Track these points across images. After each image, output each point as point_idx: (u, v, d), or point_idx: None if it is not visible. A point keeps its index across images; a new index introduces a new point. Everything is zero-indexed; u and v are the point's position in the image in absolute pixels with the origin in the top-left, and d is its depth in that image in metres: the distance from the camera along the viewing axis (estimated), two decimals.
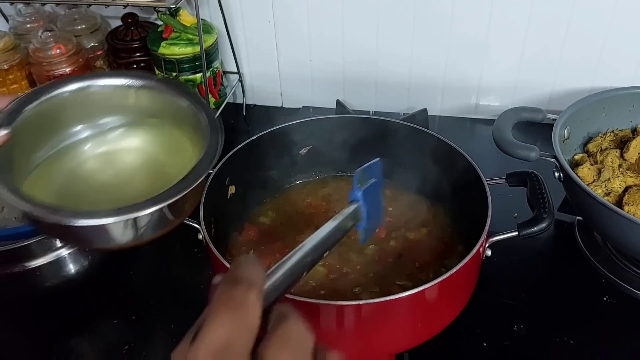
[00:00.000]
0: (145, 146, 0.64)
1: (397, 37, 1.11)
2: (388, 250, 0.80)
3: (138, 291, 0.85)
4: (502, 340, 0.75)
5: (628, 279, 0.82)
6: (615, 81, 1.04)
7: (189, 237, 0.73)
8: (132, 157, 0.63)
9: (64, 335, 0.78)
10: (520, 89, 1.14)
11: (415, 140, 0.86)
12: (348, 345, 0.65)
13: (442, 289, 0.63)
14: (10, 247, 0.74)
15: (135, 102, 0.63)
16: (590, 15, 1.01)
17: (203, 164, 0.55)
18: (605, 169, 0.85)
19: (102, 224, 0.50)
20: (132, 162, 0.63)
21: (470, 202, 0.77)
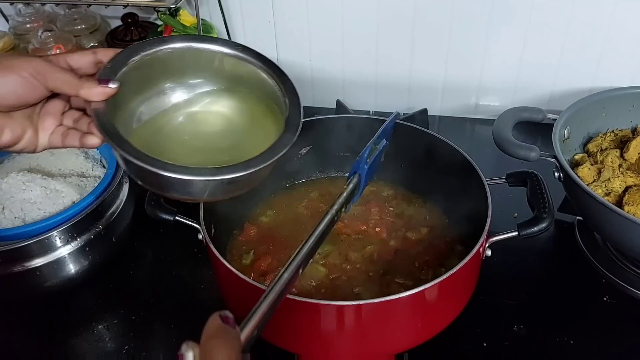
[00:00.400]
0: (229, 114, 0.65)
1: (397, 37, 1.11)
2: (388, 250, 0.80)
3: (138, 291, 0.85)
4: (502, 340, 0.75)
5: (628, 279, 0.82)
6: (615, 81, 1.04)
7: (189, 237, 0.73)
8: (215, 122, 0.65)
9: (64, 335, 0.78)
10: (520, 89, 1.14)
11: (415, 140, 0.86)
12: (348, 345, 0.65)
13: (442, 289, 0.63)
14: (10, 247, 0.74)
15: (227, 69, 0.64)
16: (591, 16, 1.01)
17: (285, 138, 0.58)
18: (605, 169, 0.85)
19: (197, 180, 0.53)
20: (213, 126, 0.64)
21: (470, 202, 0.77)
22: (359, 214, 0.86)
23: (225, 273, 0.65)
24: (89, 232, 0.80)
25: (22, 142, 0.55)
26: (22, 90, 0.52)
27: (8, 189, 0.82)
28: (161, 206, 0.73)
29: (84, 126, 0.57)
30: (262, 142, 0.59)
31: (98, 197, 0.81)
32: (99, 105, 0.54)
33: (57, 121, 0.57)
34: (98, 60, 0.57)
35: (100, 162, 0.92)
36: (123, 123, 0.58)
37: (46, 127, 0.56)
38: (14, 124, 0.53)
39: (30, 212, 0.79)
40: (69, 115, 0.58)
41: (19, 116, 0.54)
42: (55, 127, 0.57)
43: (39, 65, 0.52)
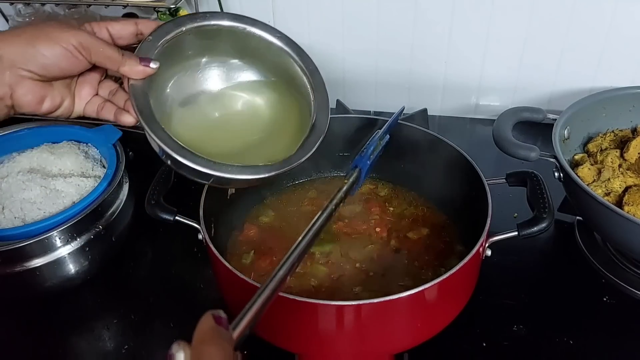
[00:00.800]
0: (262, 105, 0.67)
1: (397, 37, 1.11)
2: (388, 250, 0.80)
3: (138, 291, 0.85)
4: (502, 340, 0.75)
5: (628, 279, 0.82)
6: (616, 81, 1.04)
7: (189, 237, 0.73)
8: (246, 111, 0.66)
9: (64, 335, 0.78)
10: (520, 88, 1.14)
11: (415, 140, 0.86)
12: (348, 345, 0.65)
13: (442, 289, 0.63)
14: (10, 247, 0.74)
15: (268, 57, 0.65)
16: (591, 16, 1.01)
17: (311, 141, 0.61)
18: (605, 169, 0.85)
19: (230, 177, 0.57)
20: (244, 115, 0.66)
21: (470, 202, 0.77)
22: (359, 214, 0.86)
23: (225, 273, 0.65)
24: (89, 232, 0.80)
25: (59, 110, 0.57)
26: (66, 63, 0.53)
27: (8, 188, 0.82)
28: (161, 206, 0.73)
29: (120, 101, 0.58)
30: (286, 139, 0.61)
31: (98, 197, 0.81)
32: (137, 83, 0.56)
33: (94, 90, 0.58)
34: (139, 32, 0.57)
35: (100, 162, 0.92)
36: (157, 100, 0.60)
37: (83, 96, 0.58)
38: (54, 93, 0.55)
39: (30, 212, 0.79)
40: (104, 86, 0.59)
41: (58, 85, 0.55)
42: (92, 96, 0.58)
43: (84, 39, 0.52)
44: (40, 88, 0.53)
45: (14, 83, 0.51)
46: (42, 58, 0.51)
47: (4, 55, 0.50)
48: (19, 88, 0.52)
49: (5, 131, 0.94)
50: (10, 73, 0.51)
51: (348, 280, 0.76)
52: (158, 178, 0.77)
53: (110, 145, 0.90)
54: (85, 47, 0.52)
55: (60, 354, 0.76)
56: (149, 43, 0.57)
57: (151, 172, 0.80)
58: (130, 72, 0.55)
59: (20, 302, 0.84)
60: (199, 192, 0.74)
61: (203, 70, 0.65)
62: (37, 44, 0.51)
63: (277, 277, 0.48)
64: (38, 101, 0.54)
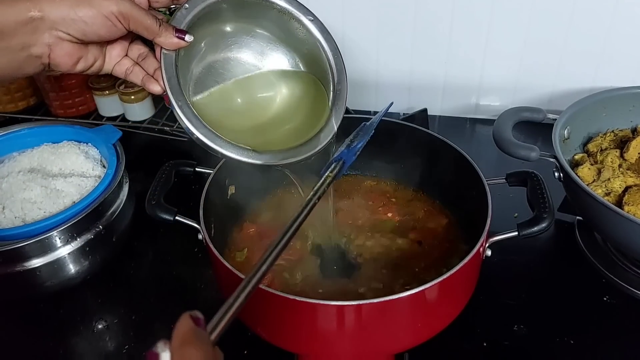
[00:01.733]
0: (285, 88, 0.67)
1: (397, 37, 1.11)
2: (388, 250, 0.80)
3: (138, 291, 0.85)
4: (502, 340, 0.75)
5: (628, 279, 0.82)
6: (616, 81, 1.04)
7: (189, 237, 0.73)
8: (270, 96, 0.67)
9: (64, 335, 0.78)
10: (520, 88, 1.14)
11: (415, 140, 0.86)
12: (348, 345, 0.65)
13: (442, 289, 0.63)
14: (10, 247, 0.74)
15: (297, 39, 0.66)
16: (591, 16, 1.01)
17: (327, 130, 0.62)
18: (605, 169, 0.85)
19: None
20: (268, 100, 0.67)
21: (470, 202, 0.77)
22: (359, 215, 0.86)
23: (225, 273, 0.65)
24: (89, 232, 0.80)
25: (91, 69, 0.58)
26: (105, 31, 0.54)
27: (8, 188, 0.82)
28: (161, 206, 0.73)
29: (149, 67, 0.60)
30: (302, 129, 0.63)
31: (98, 197, 0.81)
32: (169, 53, 0.57)
33: (124, 52, 0.60)
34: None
35: (100, 162, 0.92)
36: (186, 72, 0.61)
37: (113, 56, 0.60)
38: (88, 54, 0.57)
39: (31, 212, 0.79)
40: (134, 48, 0.61)
41: (93, 47, 0.57)
42: (121, 57, 0.60)
43: (124, 7, 0.53)
44: (77, 50, 0.55)
45: (53, 44, 0.53)
46: (82, 24, 0.53)
47: (46, 16, 0.51)
48: (57, 49, 0.53)
49: (6, 131, 0.94)
50: (49, 34, 0.52)
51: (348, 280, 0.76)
52: (158, 178, 0.77)
53: (110, 145, 0.90)
54: (125, 16, 0.54)
55: (61, 354, 0.76)
56: (184, 12, 0.58)
57: (151, 172, 0.80)
58: (165, 43, 0.56)
59: (20, 302, 0.84)
60: (199, 192, 0.74)
61: (234, 48, 0.65)
62: (79, 9, 0.52)
63: (259, 272, 0.47)
64: (74, 62, 0.56)
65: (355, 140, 0.64)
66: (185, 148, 1.09)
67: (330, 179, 0.60)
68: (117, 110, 1.17)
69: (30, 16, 0.51)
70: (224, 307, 0.43)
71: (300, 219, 0.53)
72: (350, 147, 0.63)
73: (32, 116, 1.17)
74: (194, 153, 1.07)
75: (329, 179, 0.60)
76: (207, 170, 0.79)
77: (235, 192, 0.84)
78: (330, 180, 0.60)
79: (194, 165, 0.81)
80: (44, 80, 1.14)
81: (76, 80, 1.14)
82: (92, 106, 1.19)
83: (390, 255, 0.79)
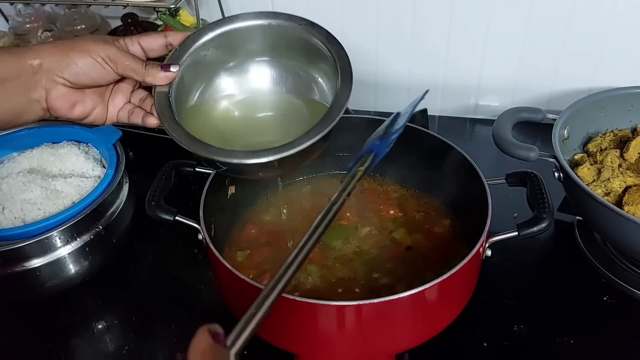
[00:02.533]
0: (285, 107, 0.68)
1: (396, 37, 1.11)
2: (388, 250, 0.80)
3: (138, 291, 0.85)
4: (502, 340, 0.75)
5: (628, 279, 0.82)
6: (615, 81, 1.04)
7: (189, 237, 0.73)
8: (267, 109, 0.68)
9: (63, 336, 0.78)
10: (519, 89, 1.14)
11: (415, 140, 0.86)
12: (348, 345, 0.65)
13: (442, 289, 0.63)
14: (10, 247, 0.74)
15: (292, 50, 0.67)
16: (590, 16, 1.01)
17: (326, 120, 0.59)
18: (605, 169, 0.85)
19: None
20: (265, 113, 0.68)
21: (470, 202, 0.77)
22: (360, 214, 0.86)
23: (226, 273, 0.65)
24: (89, 232, 0.80)
25: (91, 117, 0.62)
26: (95, 73, 0.58)
27: (8, 189, 0.82)
28: (161, 206, 0.73)
29: (147, 106, 0.63)
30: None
31: (98, 197, 0.81)
32: (162, 89, 0.61)
33: (126, 99, 0.64)
34: (168, 43, 0.63)
35: (100, 162, 0.92)
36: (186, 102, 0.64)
37: (116, 104, 0.63)
38: (85, 99, 0.60)
39: (30, 213, 0.79)
40: (136, 94, 0.64)
41: (90, 93, 0.61)
42: (124, 104, 0.64)
43: (111, 52, 0.58)
44: (72, 94, 0.59)
45: (49, 87, 0.58)
46: (75, 67, 0.57)
47: (43, 62, 0.57)
48: (53, 92, 0.58)
49: (6, 131, 0.94)
50: (46, 78, 0.57)
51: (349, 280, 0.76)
52: (158, 178, 0.77)
53: (110, 145, 0.90)
54: (112, 59, 0.58)
55: (61, 355, 0.76)
56: (177, 53, 0.62)
57: (151, 172, 0.80)
58: (154, 80, 0.60)
59: (20, 302, 0.84)
60: (199, 192, 0.74)
61: (230, 76, 0.67)
62: (72, 54, 0.57)
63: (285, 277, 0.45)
64: (70, 105, 0.59)
65: (389, 131, 0.58)
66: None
67: (361, 173, 0.55)
68: None
69: (31, 64, 0.56)
70: (244, 318, 0.40)
71: (328, 218, 0.51)
72: (383, 138, 0.58)
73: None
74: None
75: (360, 173, 0.55)
76: (207, 170, 0.79)
77: (235, 192, 0.84)
78: (360, 174, 0.55)
79: (194, 165, 0.81)
80: None
81: None
82: None
83: (390, 254, 0.79)
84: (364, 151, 0.58)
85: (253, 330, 0.40)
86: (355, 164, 0.57)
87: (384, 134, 0.59)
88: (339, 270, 0.77)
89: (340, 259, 0.79)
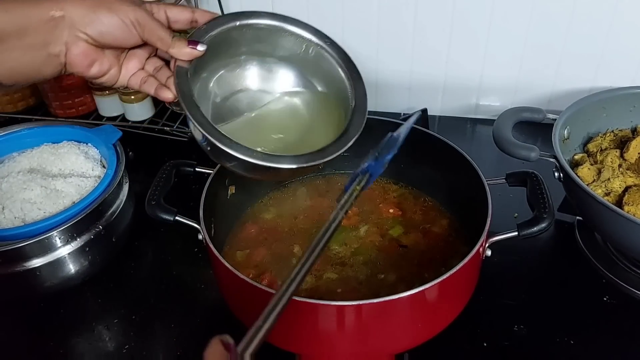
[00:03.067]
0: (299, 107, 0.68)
1: (397, 37, 1.11)
2: (388, 250, 0.80)
3: (138, 291, 0.85)
4: (502, 340, 0.75)
5: (628, 279, 0.82)
6: (616, 81, 1.04)
7: (189, 237, 0.73)
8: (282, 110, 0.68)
9: (64, 335, 0.78)
10: (520, 89, 1.14)
11: (415, 140, 0.86)
12: (348, 345, 0.65)
13: (442, 289, 0.63)
14: (10, 247, 0.74)
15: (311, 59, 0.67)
16: (591, 16, 1.01)
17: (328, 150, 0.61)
18: (605, 169, 0.85)
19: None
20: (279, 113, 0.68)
21: (470, 202, 0.77)
22: (359, 213, 0.86)
23: (225, 273, 0.65)
24: (89, 232, 0.80)
25: (105, 77, 0.60)
26: (120, 35, 0.56)
27: (8, 188, 0.82)
28: (161, 206, 0.73)
29: (163, 78, 0.61)
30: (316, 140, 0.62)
31: (98, 197, 0.81)
32: (183, 64, 0.59)
33: (140, 65, 0.62)
34: (194, 19, 0.61)
35: (100, 162, 0.92)
36: (200, 89, 0.63)
37: (129, 68, 0.61)
38: (104, 59, 0.58)
39: (30, 212, 0.79)
40: (151, 62, 0.62)
41: (109, 54, 0.59)
42: (137, 70, 0.62)
43: (140, 16, 0.56)
44: (93, 52, 0.57)
45: (70, 42, 0.55)
46: (100, 25, 0.55)
47: (67, 15, 0.54)
48: (74, 48, 0.55)
49: (6, 131, 0.94)
50: (68, 32, 0.54)
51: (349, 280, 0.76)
52: (158, 178, 0.77)
53: (110, 145, 0.90)
54: (140, 23, 0.56)
55: (61, 354, 0.76)
56: (201, 31, 0.60)
57: (151, 172, 0.80)
58: (178, 54, 0.58)
59: (20, 302, 0.84)
60: (199, 192, 0.74)
61: (248, 68, 0.67)
62: (98, 11, 0.54)
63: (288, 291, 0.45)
64: (88, 64, 0.57)
65: (384, 152, 0.62)
66: (185, 148, 1.09)
67: (357, 192, 0.58)
68: (117, 110, 1.17)
69: (52, 15, 0.53)
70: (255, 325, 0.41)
71: (328, 234, 0.52)
72: (378, 159, 0.61)
73: (32, 116, 1.17)
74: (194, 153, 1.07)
75: (356, 192, 0.58)
76: (207, 170, 0.79)
77: (235, 192, 0.84)
78: (357, 193, 0.58)
79: (194, 165, 0.81)
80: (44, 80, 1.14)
81: (76, 80, 1.14)
82: (92, 106, 1.19)
83: (389, 254, 0.79)
84: (360, 171, 0.61)
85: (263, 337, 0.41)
86: (351, 183, 0.60)
87: (379, 155, 0.61)
88: (338, 270, 0.77)
89: (340, 259, 0.79)
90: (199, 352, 0.39)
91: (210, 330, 0.76)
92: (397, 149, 0.61)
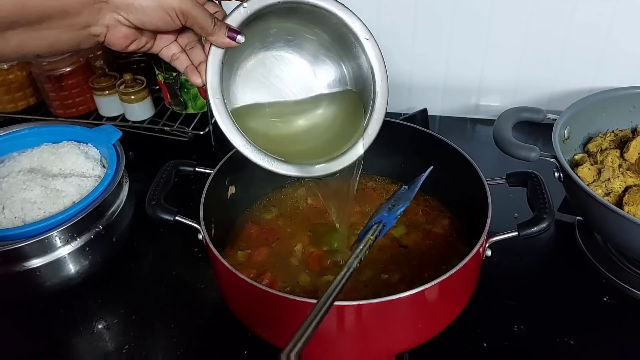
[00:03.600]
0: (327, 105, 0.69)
1: (397, 37, 1.11)
2: (389, 250, 0.80)
3: (138, 291, 0.85)
4: (502, 340, 0.75)
5: (628, 279, 0.82)
6: (616, 81, 1.04)
7: (189, 237, 0.73)
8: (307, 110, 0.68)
9: (64, 335, 0.78)
10: (520, 89, 1.14)
11: (416, 140, 0.86)
12: (348, 345, 0.65)
13: (442, 289, 0.63)
14: (10, 247, 0.74)
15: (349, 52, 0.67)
16: (591, 16, 1.01)
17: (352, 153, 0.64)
18: (605, 169, 0.85)
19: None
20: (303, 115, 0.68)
21: (470, 202, 0.77)
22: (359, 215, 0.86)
23: (225, 273, 0.65)
24: (89, 232, 0.80)
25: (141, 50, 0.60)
26: (162, 23, 0.56)
27: (8, 188, 0.82)
28: (161, 206, 0.73)
29: (195, 59, 0.62)
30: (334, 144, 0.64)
31: (98, 197, 0.81)
32: (218, 50, 0.59)
33: (174, 37, 0.62)
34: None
35: (100, 162, 0.92)
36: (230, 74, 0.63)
37: (163, 40, 0.62)
38: (142, 38, 0.59)
39: (30, 212, 0.79)
40: (184, 36, 0.63)
41: (147, 33, 0.59)
42: (171, 42, 0.62)
43: (185, 5, 0.55)
44: (133, 34, 0.57)
45: (112, 25, 0.55)
46: (143, 13, 0.55)
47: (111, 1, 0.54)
48: (115, 31, 0.56)
49: (6, 131, 0.94)
50: (110, 16, 0.55)
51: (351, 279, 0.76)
52: (158, 178, 0.77)
53: (110, 145, 0.90)
54: (184, 13, 0.56)
55: (61, 354, 0.76)
56: (242, 11, 0.59)
57: (151, 172, 0.80)
58: (217, 42, 0.59)
59: (20, 302, 0.84)
60: (199, 192, 0.74)
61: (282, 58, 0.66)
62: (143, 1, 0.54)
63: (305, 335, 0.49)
64: (127, 43, 0.58)
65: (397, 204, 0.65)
66: (186, 148, 1.09)
67: (371, 241, 0.62)
68: (117, 110, 1.17)
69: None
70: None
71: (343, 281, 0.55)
72: (392, 210, 0.65)
73: (32, 116, 1.17)
74: (194, 153, 1.07)
75: (370, 242, 0.62)
76: (207, 170, 0.79)
77: (235, 192, 0.84)
78: (371, 242, 0.62)
79: (194, 165, 0.81)
80: (44, 80, 1.14)
81: (76, 80, 1.14)
82: (92, 106, 1.19)
83: (390, 254, 0.79)
84: (374, 221, 0.65)
85: None
86: (366, 233, 0.64)
87: (392, 207, 0.65)
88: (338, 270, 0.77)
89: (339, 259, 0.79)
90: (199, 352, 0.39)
91: (210, 330, 0.76)
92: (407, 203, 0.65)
